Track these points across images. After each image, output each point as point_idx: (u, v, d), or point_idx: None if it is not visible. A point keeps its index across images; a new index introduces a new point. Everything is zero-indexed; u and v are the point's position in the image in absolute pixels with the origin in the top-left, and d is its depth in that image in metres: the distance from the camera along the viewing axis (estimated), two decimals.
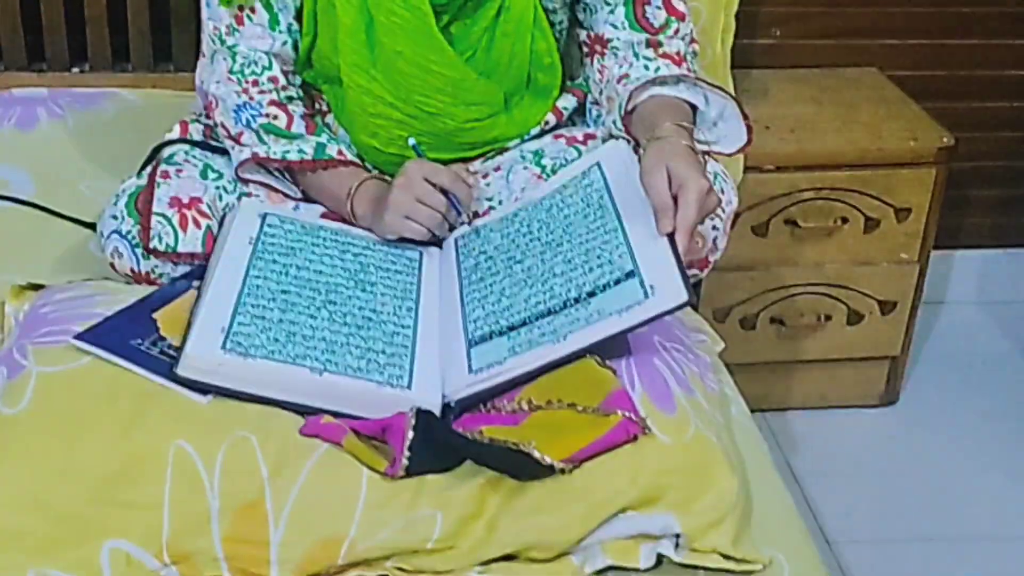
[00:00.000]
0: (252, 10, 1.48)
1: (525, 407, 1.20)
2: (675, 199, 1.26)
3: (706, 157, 1.45)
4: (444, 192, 1.42)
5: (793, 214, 2.06)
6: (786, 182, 2.03)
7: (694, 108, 1.44)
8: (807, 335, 2.18)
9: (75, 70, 2.09)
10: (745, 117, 1.45)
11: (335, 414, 1.22)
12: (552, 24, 1.52)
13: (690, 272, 1.47)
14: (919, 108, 2.16)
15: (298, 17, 1.50)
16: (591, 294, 1.26)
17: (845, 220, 2.08)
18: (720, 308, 2.12)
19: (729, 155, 1.48)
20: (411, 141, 1.48)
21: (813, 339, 2.18)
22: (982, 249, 2.55)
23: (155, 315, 1.30)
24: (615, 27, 1.50)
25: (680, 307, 1.21)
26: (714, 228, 1.48)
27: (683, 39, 1.52)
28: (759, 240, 2.07)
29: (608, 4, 1.50)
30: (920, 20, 2.29)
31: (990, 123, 2.40)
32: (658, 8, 1.50)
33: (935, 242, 2.17)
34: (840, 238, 2.09)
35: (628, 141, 1.44)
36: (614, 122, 1.48)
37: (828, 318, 2.16)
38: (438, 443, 1.18)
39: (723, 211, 1.48)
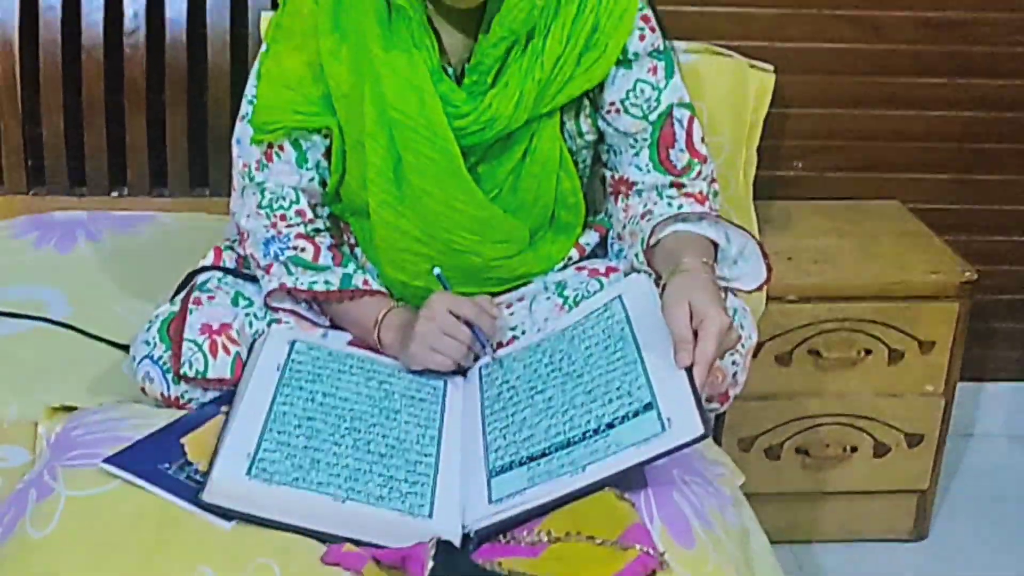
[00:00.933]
0: (281, 148, 1.54)
1: (544, 539, 1.21)
2: (695, 332, 1.29)
3: (726, 293, 1.48)
4: (468, 324, 1.45)
5: (817, 344, 2.07)
6: (809, 313, 2.05)
7: (715, 245, 1.48)
8: (833, 466, 2.17)
9: (114, 193, 2.16)
10: (765, 256, 1.48)
11: (356, 542, 1.23)
12: (576, 164, 1.57)
13: (710, 406, 1.50)
14: (941, 242, 2.19)
15: (327, 154, 1.55)
16: (610, 425, 1.28)
17: (869, 351, 2.09)
18: (745, 438, 2.12)
19: (749, 292, 1.51)
20: (436, 271, 1.52)
21: (839, 471, 2.17)
22: (1011, 382, 2.55)
23: (183, 440, 1.34)
24: (639, 169, 1.55)
25: (697, 441, 1.22)
26: (734, 363, 1.50)
27: (705, 180, 1.56)
28: (783, 370, 2.08)
29: (633, 147, 1.55)
30: (941, 155, 2.33)
31: (1013, 257, 2.42)
32: (681, 151, 1.55)
33: (963, 374, 2.17)
34: (864, 369, 2.10)
35: (649, 275, 1.48)
36: (636, 256, 1.52)
37: (854, 449, 2.16)
38: (458, 574, 1.18)
39: (743, 347, 1.50)
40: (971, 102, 2.29)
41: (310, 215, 1.55)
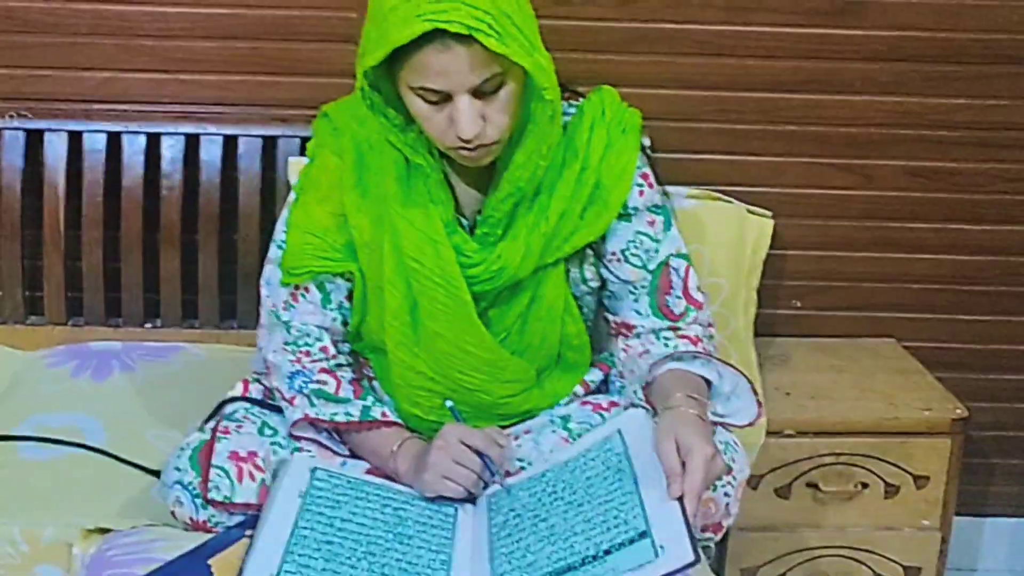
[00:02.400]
0: (307, 290, 1.63)
1: None
2: (684, 465, 1.37)
3: (717, 427, 1.56)
4: (479, 454, 1.53)
5: (814, 478, 2.13)
6: (807, 447, 2.12)
7: (709, 383, 1.56)
8: None
9: (148, 325, 2.26)
10: (755, 393, 1.56)
11: None
12: (581, 308, 1.67)
13: (704, 536, 1.58)
14: (934, 379, 2.26)
15: (349, 297, 1.65)
16: (607, 552, 1.35)
17: (865, 485, 2.14)
18: (747, 568, 2.17)
19: (740, 427, 1.59)
20: (449, 404, 1.60)
21: None
22: (1011, 518, 2.58)
23: (210, 561, 1.41)
24: (639, 314, 1.65)
25: (687, 567, 1.29)
26: (726, 495, 1.57)
27: (700, 324, 1.65)
28: (782, 503, 2.14)
29: (633, 293, 1.65)
30: (933, 296, 2.41)
31: (1006, 394, 2.48)
32: (678, 298, 1.64)
33: (963, 509, 2.22)
34: (861, 503, 2.16)
35: (647, 410, 1.56)
36: (635, 392, 1.61)
37: None
38: None
39: (734, 479, 1.57)
40: (960, 246, 2.38)
41: (332, 351, 1.65)
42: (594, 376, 1.72)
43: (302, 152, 2.20)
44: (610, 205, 1.58)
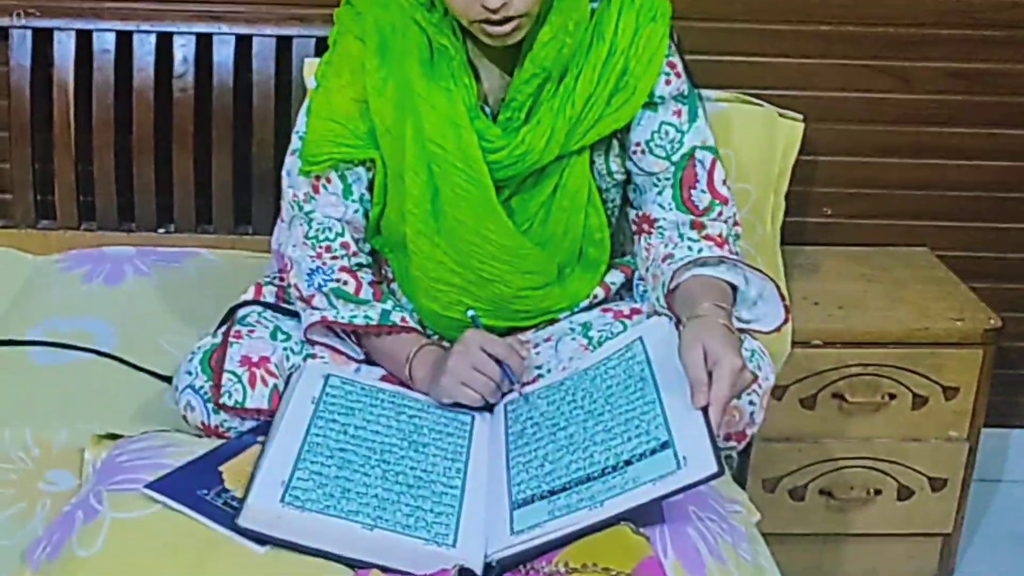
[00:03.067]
0: (328, 180, 1.60)
1: (562, 569, 1.25)
2: (711, 375, 1.33)
3: (744, 335, 1.52)
4: (498, 362, 1.50)
5: (841, 388, 2.10)
6: (834, 357, 2.08)
7: (734, 288, 1.52)
8: (857, 509, 2.19)
9: (161, 230, 2.24)
10: (783, 298, 1.52)
11: (384, 568, 1.28)
12: (604, 202, 1.63)
13: (728, 445, 1.54)
14: (967, 289, 2.21)
15: (370, 188, 1.62)
16: (628, 463, 1.32)
17: (893, 396, 2.11)
18: (769, 479, 2.15)
19: (767, 333, 1.55)
20: (470, 312, 1.57)
21: (863, 513, 2.19)
22: None
23: (221, 468, 1.39)
24: (662, 207, 1.60)
25: (711, 478, 1.26)
26: (751, 403, 1.54)
27: (726, 222, 1.60)
28: (807, 413, 2.11)
29: (656, 185, 1.60)
30: (970, 204, 2.36)
31: None
32: (703, 192, 1.59)
33: (990, 420, 2.19)
34: (888, 414, 2.13)
35: (670, 318, 1.52)
36: (658, 299, 1.57)
37: (878, 492, 2.18)
38: None
39: (759, 387, 1.53)
40: (1000, 152, 2.32)
41: (354, 248, 1.61)
42: (616, 279, 1.68)
43: (318, 52, 2.16)
44: (638, 92, 1.54)
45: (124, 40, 2.16)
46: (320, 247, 1.60)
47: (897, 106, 2.29)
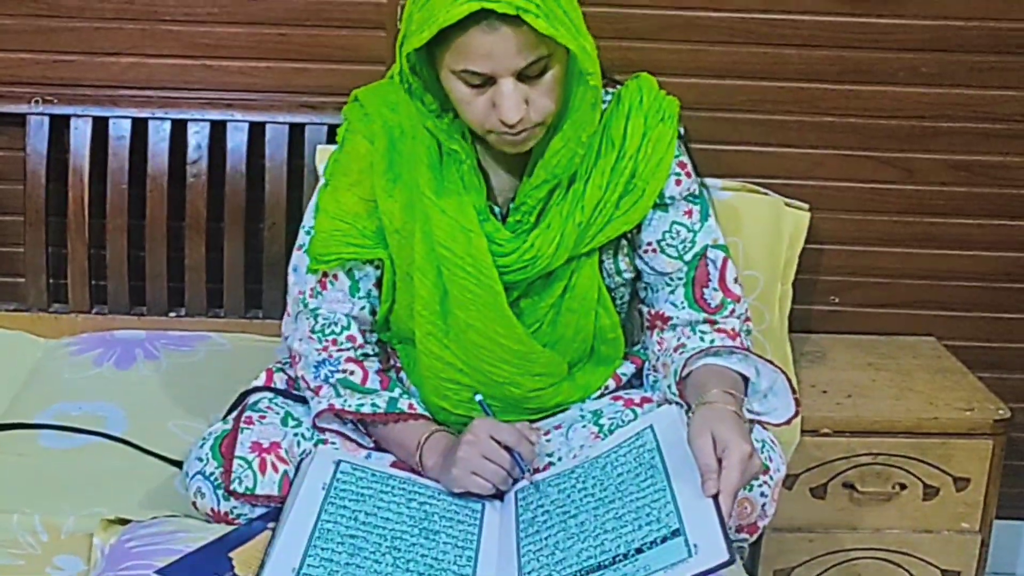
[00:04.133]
0: (335, 277, 1.61)
1: None
2: (720, 462, 1.33)
3: (754, 425, 1.52)
4: (508, 449, 1.49)
5: (851, 478, 2.09)
6: (843, 446, 2.08)
7: (746, 379, 1.52)
8: None
9: (172, 314, 2.25)
10: (793, 390, 1.52)
11: None
12: (614, 299, 1.63)
13: (739, 537, 1.54)
14: (975, 379, 2.21)
15: (378, 285, 1.62)
16: (639, 550, 1.31)
17: (903, 486, 2.10)
18: (781, 570, 2.13)
19: (777, 426, 1.55)
20: (478, 397, 1.57)
21: None
22: None
23: (231, 554, 1.39)
24: (675, 306, 1.61)
25: (723, 566, 1.25)
26: (762, 495, 1.53)
27: (738, 318, 1.62)
28: (818, 503, 2.10)
29: (669, 285, 1.61)
30: (976, 294, 2.37)
31: None
32: (715, 290, 1.60)
33: (1004, 512, 2.18)
34: (899, 504, 2.12)
35: (681, 406, 1.52)
36: (669, 387, 1.57)
37: None
38: None
39: (771, 479, 1.53)
40: (1005, 243, 2.33)
41: (360, 340, 1.62)
42: (626, 369, 1.68)
43: (330, 140, 2.18)
44: (647, 194, 1.56)
45: (139, 126, 2.20)
46: (326, 340, 1.61)
47: (901, 196, 2.31)
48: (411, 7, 1.43)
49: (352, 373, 1.60)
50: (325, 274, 1.61)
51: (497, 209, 1.58)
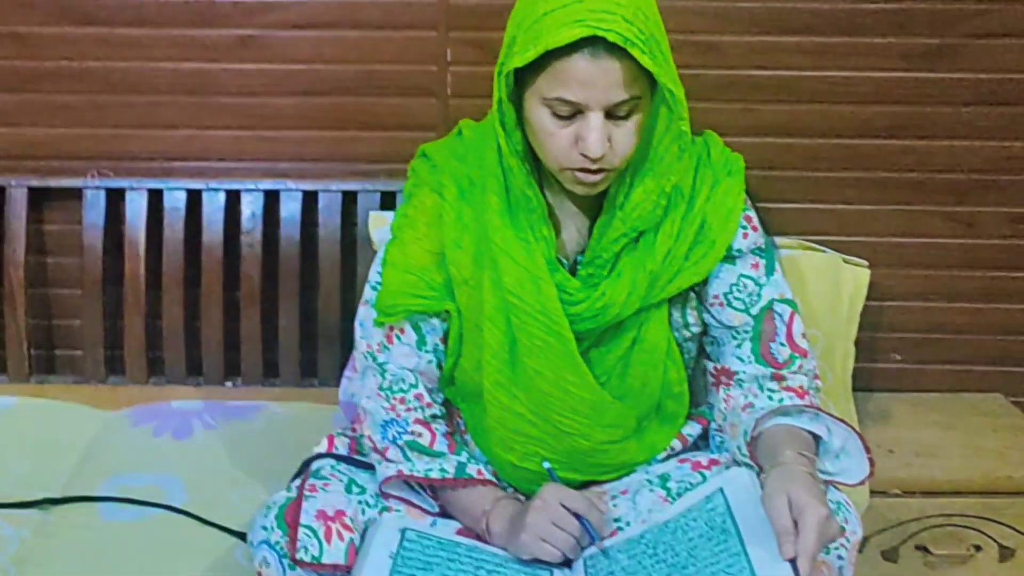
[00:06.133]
0: (402, 331, 1.60)
1: None
2: (796, 525, 1.29)
3: (828, 486, 1.48)
4: (577, 516, 1.46)
5: (924, 540, 2.04)
6: (915, 507, 2.03)
7: (817, 438, 1.49)
8: None
9: (228, 383, 2.24)
10: (867, 450, 1.48)
11: None
12: (681, 353, 1.61)
13: None
14: None
15: (444, 338, 1.61)
16: None
17: (979, 548, 2.05)
18: None
19: (851, 486, 1.51)
20: (546, 464, 1.55)
21: None
22: None
23: None
24: (741, 360, 1.59)
25: None
26: (839, 558, 1.48)
27: (806, 374, 1.59)
28: (891, 566, 2.05)
29: (735, 339, 1.59)
30: None
31: None
32: (782, 345, 1.58)
33: None
34: (975, 566, 2.06)
35: (751, 467, 1.49)
36: (738, 447, 1.54)
37: None
38: None
39: (847, 540, 1.48)
40: None
41: (428, 399, 1.60)
42: (692, 430, 1.66)
43: (382, 207, 2.19)
44: (716, 246, 1.55)
45: (194, 197, 2.22)
46: (394, 399, 1.60)
47: (962, 251, 2.28)
48: (514, 30, 1.44)
49: (420, 435, 1.58)
50: (392, 328, 1.60)
51: (565, 260, 1.57)
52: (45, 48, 2.19)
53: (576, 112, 1.42)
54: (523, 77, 1.44)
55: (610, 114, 1.42)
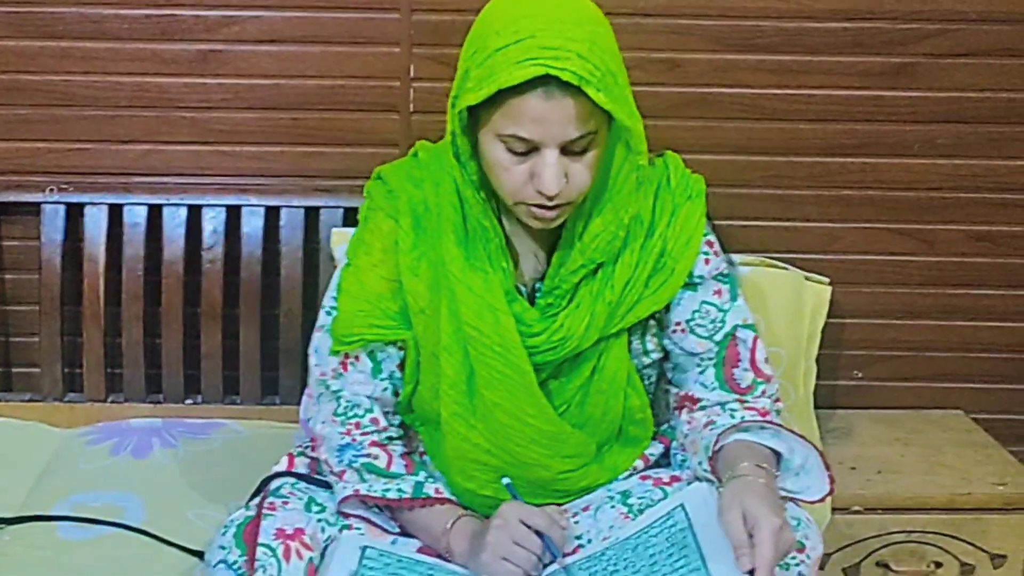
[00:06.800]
0: (357, 358, 1.58)
1: None
2: (752, 537, 1.29)
3: (787, 502, 1.48)
4: (539, 534, 1.46)
5: (885, 556, 2.05)
6: (876, 524, 2.03)
7: (778, 456, 1.49)
8: None
9: (188, 401, 2.22)
10: (827, 467, 1.49)
11: None
12: (642, 379, 1.61)
13: None
14: (1007, 452, 2.17)
15: (401, 366, 1.60)
16: None
17: (939, 564, 2.05)
18: None
19: (811, 503, 1.51)
20: (506, 481, 1.54)
21: None
22: None
23: None
24: (705, 387, 1.59)
25: None
26: (800, 574, 1.49)
27: (769, 398, 1.59)
28: None
29: (699, 366, 1.59)
30: (1002, 365, 2.34)
31: None
32: (745, 370, 1.58)
33: None
34: None
35: (712, 482, 1.49)
36: (700, 464, 1.54)
37: None
38: None
39: (808, 557, 1.48)
40: None
41: (383, 423, 1.59)
42: (655, 449, 1.65)
43: (345, 223, 2.18)
44: (676, 273, 1.54)
45: (154, 213, 2.20)
46: (349, 424, 1.58)
47: (922, 268, 2.30)
48: (467, 63, 1.42)
49: (376, 458, 1.57)
50: (347, 355, 1.58)
51: (523, 289, 1.56)
52: (3, 61, 2.16)
53: (531, 148, 1.41)
54: (477, 111, 1.43)
55: (566, 150, 1.41)
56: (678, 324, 1.58)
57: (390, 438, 1.60)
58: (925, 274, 2.30)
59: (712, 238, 1.59)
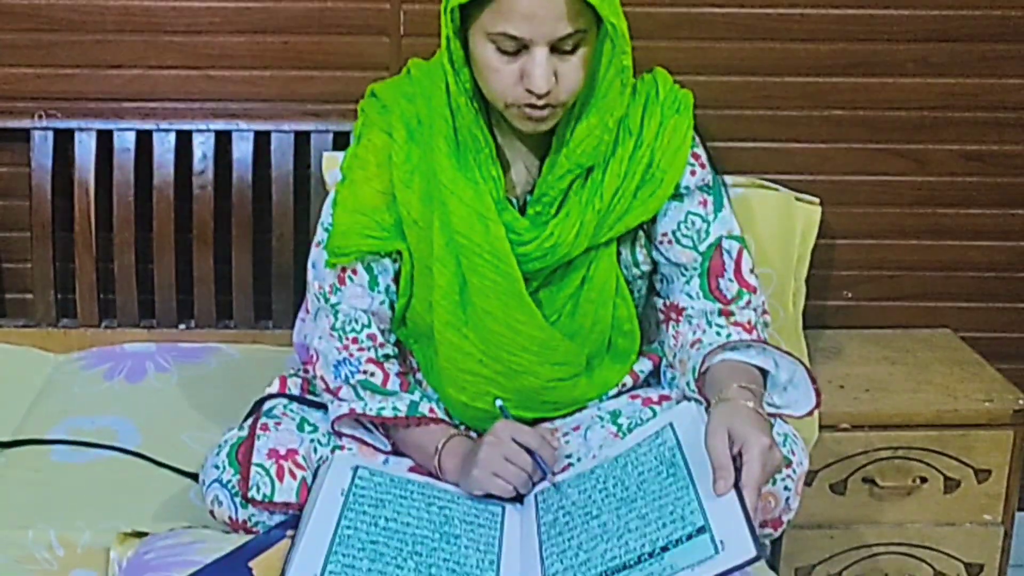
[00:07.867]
0: (354, 271, 1.59)
1: None
2: (740, 457, 1.31)
3: (775, 419, 1.50)
4: (530, 452, 1.48)
5: (871, 473, 2.07)
6: (862, 441, 2.06)
7: (764, 372, 1.51)
8: None
9: (182, 326, 2.23)
10: (814, 381, 1.50)
11: None
12: (631, 292, 1.62)
13: (764, 532, 1.52)
14: (993, 370, 2.19)
15: (396, 279, 1.61)
16: (664, 549, 1.30)
17: (924, 480, 2.08)
18: (802, 567, 2.11)
19: (798, 418, 1.53)
20: (498, 402, 1.56)
21: None
22: None
23: (251, 563, 1.37)
24: (690, 296, 1.60)
25: (750, 562, 1.23)
26: (786, 489, 1.51)
27: (755, 310, 1.60)
28: (838, 498, 2.08)
29: (684, 275, 1.60)
30: (991, 284, 2.35)
31: None
32: (730, 280, 1.59)
33: (1021, 504, 2.16)
34: (920, 498, 2.10)
35: (700, 402, 1.51)
36: (687, 384, 1.56)
37: None
38: None
39: (794, 472, 1.51)
40: (1018, 232, 2.32)
41: (380, 339, 1.61)
42: (643, 366, 1.67)
43: (335, 147, 2.17)
44: (664, 183, 1.55)
45: (144, 139, 2.19)
46: (347, 339, 1.60)
47: (913, 188, 2.30)
48: None
49: (373, 375, 1.58)
50: (344, 269, 1.59)
51: (514, 200, 1.57)
52: None
53: (521, 48, 1.41)
54: (468, 12, 1.43)
55: (556, 49, 1.41)
56: (664, 235, 1.59)
57: (387, 355, 1.61)
58: (915, 194, 2.30)
59: (699, 151, 1.59)
